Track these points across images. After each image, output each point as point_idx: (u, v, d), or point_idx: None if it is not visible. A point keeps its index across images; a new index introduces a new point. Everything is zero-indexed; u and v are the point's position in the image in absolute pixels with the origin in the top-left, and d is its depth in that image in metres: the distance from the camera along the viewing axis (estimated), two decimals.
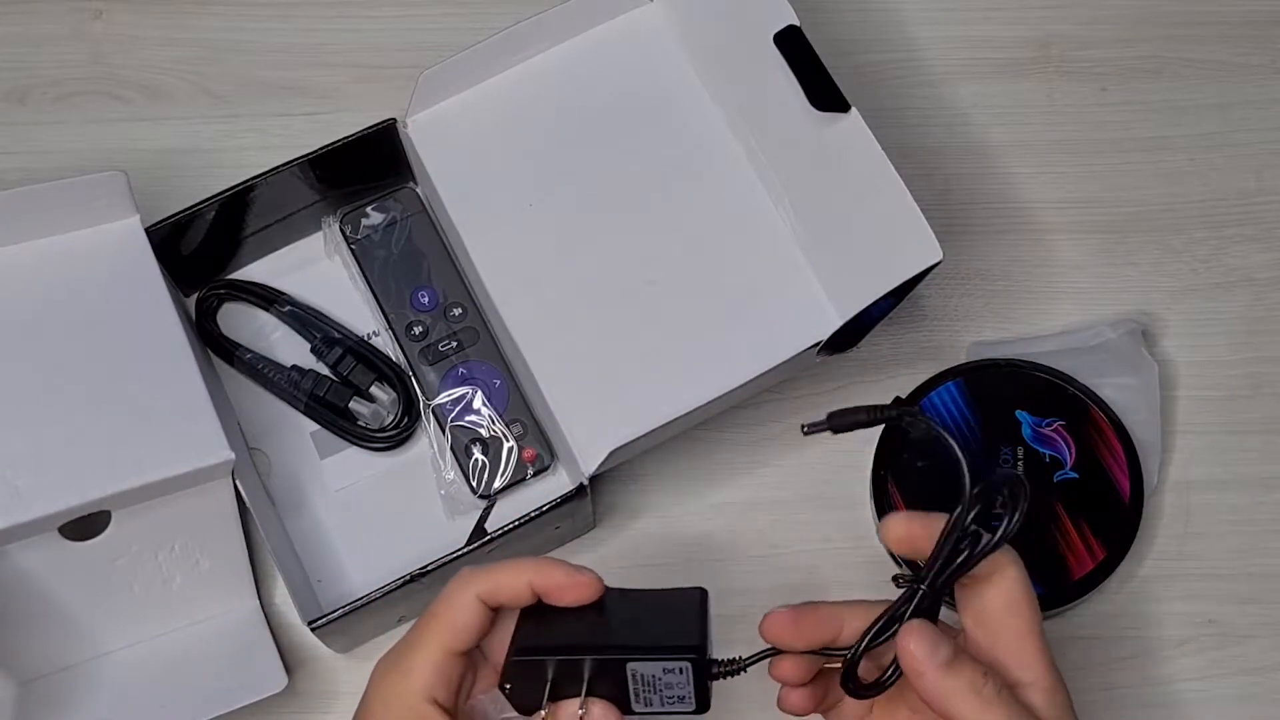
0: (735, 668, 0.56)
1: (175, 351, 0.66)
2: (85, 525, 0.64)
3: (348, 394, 0.72)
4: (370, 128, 0.71)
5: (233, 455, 0.64)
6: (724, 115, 0.73)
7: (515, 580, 0.57)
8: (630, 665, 0.55)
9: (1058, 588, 0.69)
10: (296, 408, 0.72)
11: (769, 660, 0.57)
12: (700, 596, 0.57)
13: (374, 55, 0.81)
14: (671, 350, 0.69)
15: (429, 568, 0.66)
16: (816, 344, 0.66)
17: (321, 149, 0.71)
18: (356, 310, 0.74)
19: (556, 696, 0.56)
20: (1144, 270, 0.77)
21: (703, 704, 0.56)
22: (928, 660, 0.53)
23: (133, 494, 0.63)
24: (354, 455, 0.72)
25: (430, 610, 0.57)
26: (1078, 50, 0.81)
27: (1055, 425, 0.71)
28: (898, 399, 0.73)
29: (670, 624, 0.56)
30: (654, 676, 0.55)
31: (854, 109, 0.66)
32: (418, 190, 0.75)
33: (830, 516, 0.73)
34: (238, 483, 0.65)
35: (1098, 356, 0.73)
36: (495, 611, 0.57)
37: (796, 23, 0.68)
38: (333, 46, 0.81)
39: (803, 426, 0.58)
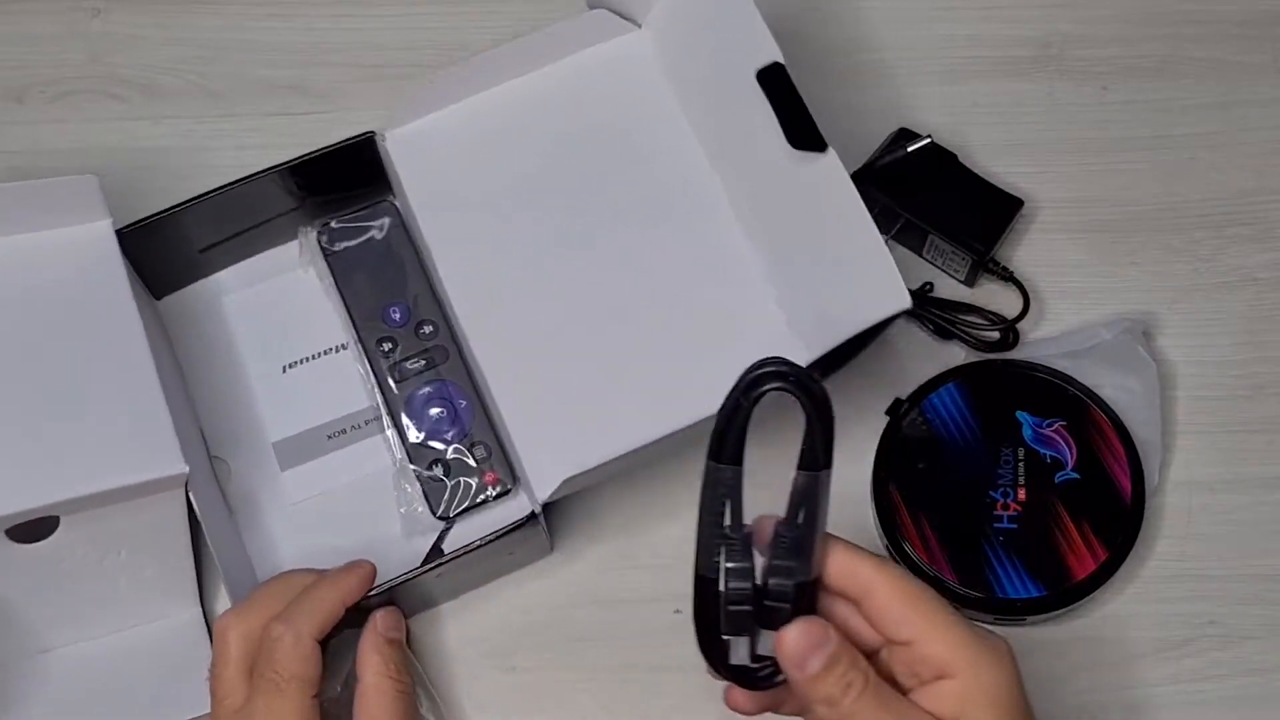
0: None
1: (136, 359, 0.65)
2: (33, 528, 0.63)
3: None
4: (350, 139, 0.71)
5: (186, 469, 0.63)
6: (704, 147, 0.71)
7: (339, 609, 0.62)
8: None
9: (1059, 589, 0.68)
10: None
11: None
12: None
13: (374, 55, 0.81)
14: (635, 382, 0.67)
15: (382, 587, 0.65)
16: None
17: (301, 157, 0.70)
18: (328, 321, 0.73)
19: None
20: (1144, 270, 0.77)
21: None
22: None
23: (83, 501, 0.62)
24: (314, 468, 0.71)
25: (287, 675, 0.59)
26: (1078, 50, 0.81)
27: (1056, 426, 0.71)
28: (897, 400, 0.73)
29: None
30: None
31: (831, 149, 0.65)
32: (397, 204, 0.74)
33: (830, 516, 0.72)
34: (192, 494, 0.64)
35: (1098, 357, 0.73)
36: None
37: (781, 59, 0.66)
38: (333, 46, 0.81)
39: None
